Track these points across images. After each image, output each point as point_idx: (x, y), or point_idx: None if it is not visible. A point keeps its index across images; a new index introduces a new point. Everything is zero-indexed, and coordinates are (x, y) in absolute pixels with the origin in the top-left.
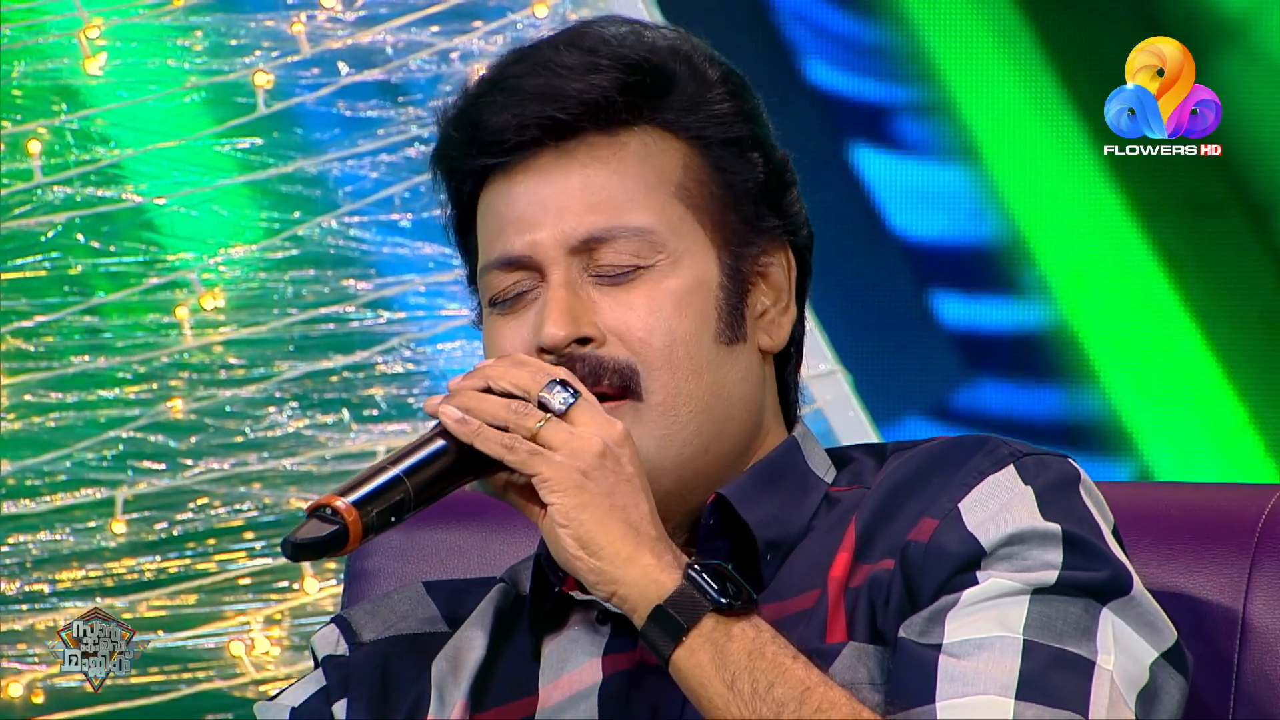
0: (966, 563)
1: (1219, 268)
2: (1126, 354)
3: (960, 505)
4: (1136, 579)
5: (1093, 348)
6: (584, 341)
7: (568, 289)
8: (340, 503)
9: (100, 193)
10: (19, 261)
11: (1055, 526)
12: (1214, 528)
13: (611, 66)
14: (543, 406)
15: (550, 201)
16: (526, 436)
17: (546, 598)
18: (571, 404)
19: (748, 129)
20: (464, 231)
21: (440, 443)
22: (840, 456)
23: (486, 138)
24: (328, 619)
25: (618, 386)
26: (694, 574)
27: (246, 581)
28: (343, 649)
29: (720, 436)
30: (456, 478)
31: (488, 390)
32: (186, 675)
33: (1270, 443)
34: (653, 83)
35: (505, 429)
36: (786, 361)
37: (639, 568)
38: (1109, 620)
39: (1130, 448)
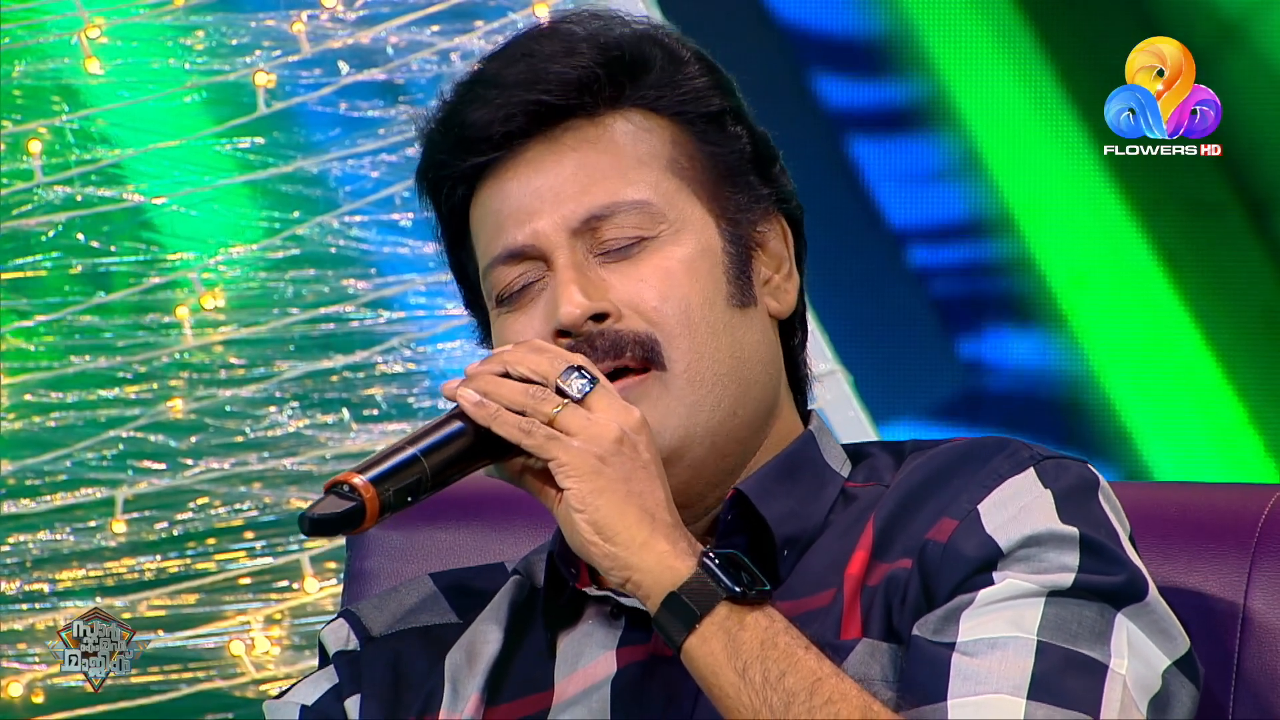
0: (984, 564)
1: (1219, 267)
2: (1126, 354)
3: (979, 507)
4: (1152, 586)
5: (1092, 348)
6: (600, 319)
7: (576, 269)
8: (358, 480)
9: (101, 192)
10: (19, 261)
11: (1073, 530)
12: (1214, 527)
13: (588, 49)
14: (560, 392)
15: (546, 189)
16: (544, 421)
17: (560, 593)
18: (589, 390)
19: (727, 102)
20: (457, 244)
21: (458, 425)
22: (855, 451)
23: (473, 135)
24: (336, 614)
25: (640, 358)
26: (708, 562)
27: (246, 581)
28: (353, 644)
29: (745, 399)
30: (473, 460)
31: (506, 375)
32: (187, 675)
33: (1270, 442)
34: (630, 62)
35: (523, 414)
36: (792, 335)
37: (654, 554)
38: (1123, 625)
39: (1130, 447)
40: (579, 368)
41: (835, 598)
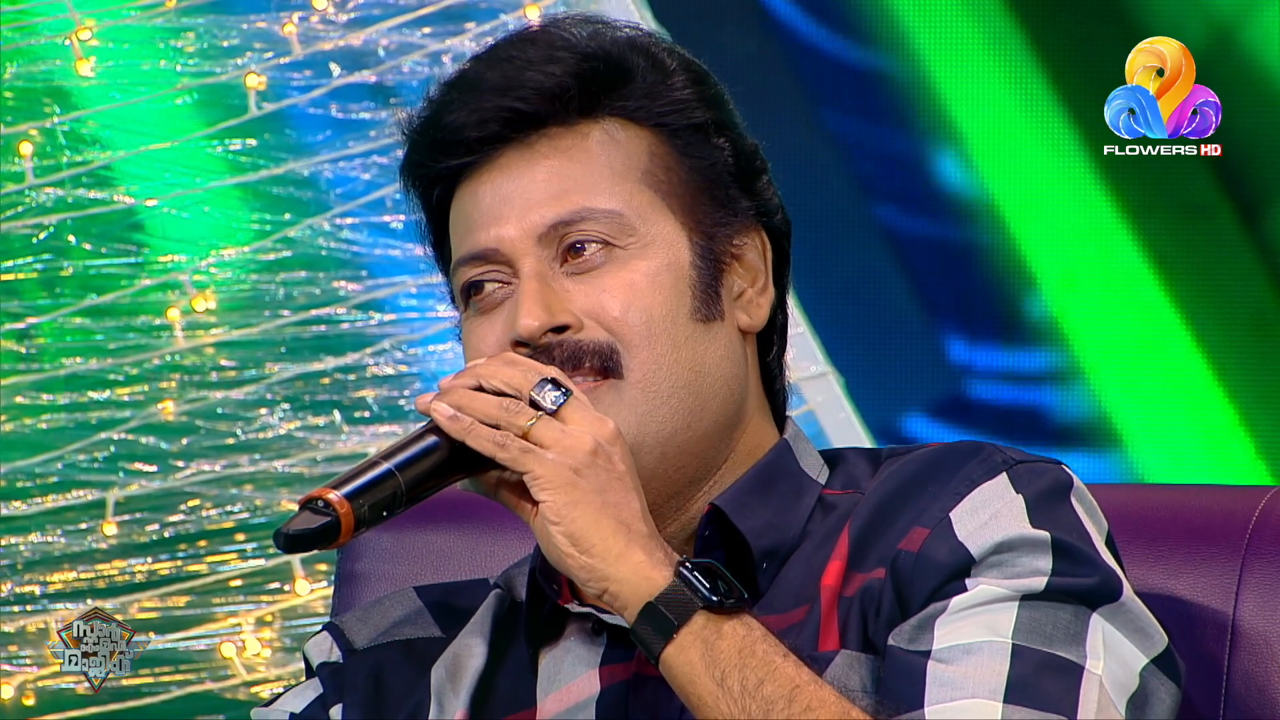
0: (956, 571)
1: (1209, 269)
2: (1117, 355)
3: (951, 515)
4: (1127, 586)
5: (1083, 350)
6: (560, 330)
7: (539, 280)
8: (333, 495)
9: (92, 194)
10: (10, 263)
11: (1044, 534)
12: (1204, 529)
13: (568, 57)
14: (534, 405)
15: (515, 195)
16: (518, 434)
17: (541, 609)
18: (563, 402)
19: (711, 114)
20: (440, 243)
21: (432, 439)
22: (833, 456)
23: (448, 138)
24: (320, 626)
25: (598, 368)
26: (685, 571)
27: (237, 583)
28: (336, 656)
29: (702, 413)
30: (448, 475)
31: (479, 389)
32: (178, 677)
33: (1260, 444)
34: (610, 72)
35: (497, 427)
36: (769, 348)
37: (630, 565)
38: (1099, 625)
39: (1120, 449)
40: (552, 380)
41: (812, 609)
